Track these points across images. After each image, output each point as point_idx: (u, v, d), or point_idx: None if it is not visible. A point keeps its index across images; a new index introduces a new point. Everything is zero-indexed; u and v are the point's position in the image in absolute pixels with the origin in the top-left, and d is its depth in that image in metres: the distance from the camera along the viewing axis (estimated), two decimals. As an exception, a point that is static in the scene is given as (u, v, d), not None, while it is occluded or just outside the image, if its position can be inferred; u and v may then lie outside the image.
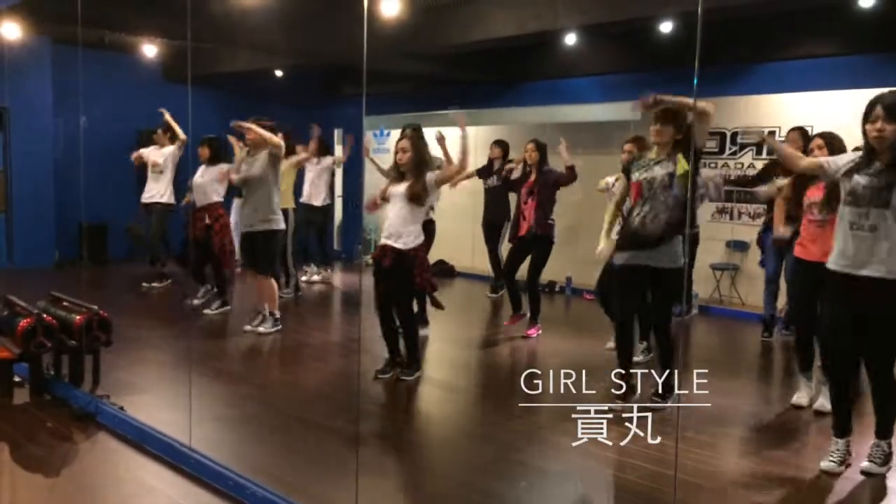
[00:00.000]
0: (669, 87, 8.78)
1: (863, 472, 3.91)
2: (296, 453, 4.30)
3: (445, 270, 10.75)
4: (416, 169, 5.36)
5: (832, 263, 3.83)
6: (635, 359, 5.52)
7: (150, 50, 10.79)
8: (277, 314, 6.95)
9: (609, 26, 8.35)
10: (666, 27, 8.32)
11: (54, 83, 10.66)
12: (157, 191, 8.88)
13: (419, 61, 10.71)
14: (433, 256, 10.90)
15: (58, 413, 4.65)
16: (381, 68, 10.05)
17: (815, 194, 4.65)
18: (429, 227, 6.89)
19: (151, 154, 9.00)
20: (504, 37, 8.69)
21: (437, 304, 5.97)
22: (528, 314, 7.06)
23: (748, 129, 8.72)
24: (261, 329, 6.84)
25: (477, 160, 9.05)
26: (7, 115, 10.59)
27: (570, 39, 9.22)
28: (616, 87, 10.08)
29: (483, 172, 8.86)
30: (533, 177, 6.99)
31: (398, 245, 5.33)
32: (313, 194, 9.49)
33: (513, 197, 7.89)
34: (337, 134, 13.16)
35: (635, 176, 4.84)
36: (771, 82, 8.86)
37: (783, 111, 8.52)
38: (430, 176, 5.44)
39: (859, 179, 3.74)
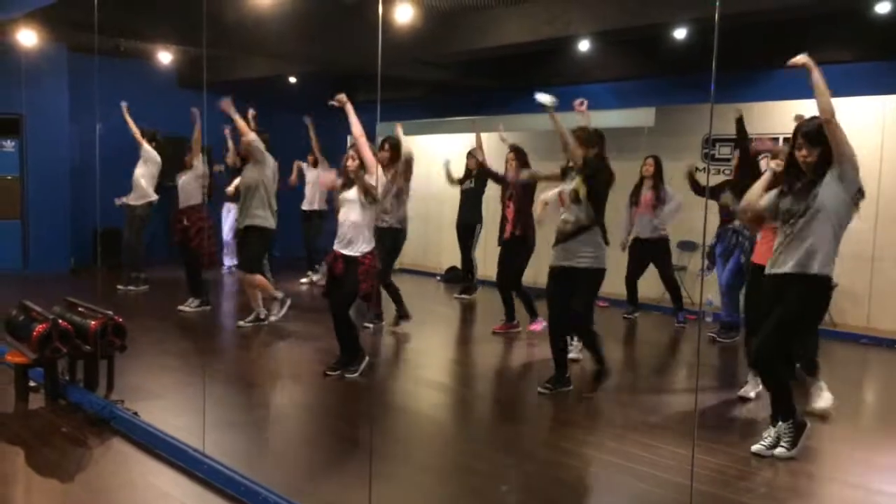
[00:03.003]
0: (683, 94, 8.82)
1: None
2: (308, 459, 4.30)
3: (457, 277, 10.74)
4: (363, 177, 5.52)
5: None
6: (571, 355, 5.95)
7: (165, 57, 10.86)
8: (263, 313, 7.35)
9: (623, 32, 8.34)
10: (680, 33, 8.30)
11: (70, 90, 10.75)
12: (136, 191, 9.11)
13: (432, 68, 10.73)
14: (444, 262, 10.94)
15: (72, 418, 4.68)
16: (394, 75, 10.09)
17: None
18: (397, 236, 7.10)
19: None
20: (517, 43, 8.70)
21: (372, 303, 6.18)
22: (529, 315, 7.29)
23: (763, 136, 8.67)
24: (271, 317, 7.28)
25: (493, 165, 9.07)
26: (23, 121, 10.68)
27: (584, 46, 9.21)
28: (630, 94, 10.07)
29: (462, 180, 9.36)
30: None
31: (348, 252, 5.48)
32: (311, 200, 10.04)
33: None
34: (349, 140, 13.18)
35: (565, 186, 5.36)
36: (786, 88, 8.80)
37: (798, 117, 8.46)
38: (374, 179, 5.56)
39: (787, 202, 4.15)
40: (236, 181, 7.80)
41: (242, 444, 4.41)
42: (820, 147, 4.03)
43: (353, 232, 5.50)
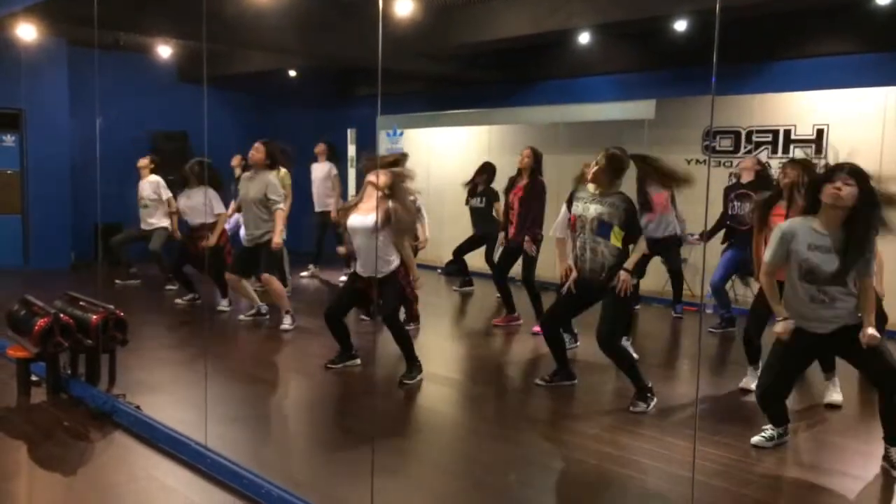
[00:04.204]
0: (683, 86, 8.80)
1: None
2: (311, 453, 4.31)
3: (458, 270, 10.74)
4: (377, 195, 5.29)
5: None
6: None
7: (164, 51, 10.85)
8: (264, 307, 7.43)
9: (623, 25, 8.32)
10: (680, 26, 8.29)
11: (70, 85, 10.73)
12: (156, 218, 9.14)
13: (432, 61, 10.72)
14: (444, 256, 10.93)
15: (75, 412, 4.69)
16: (394, 68, 10.07)
17: (777, 220, 4.78)
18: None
19: (141, 186, 9.20)
20: (517, 36, 8.68)
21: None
22: (536, 315, 7.15)
23: (763, 128, 8.68)
24: (284, 325, 7.08)
25: (492, 160, 9.07)
26: (23, 116, 10.67)
27: (584, 38, 9.20)
28: (630, 86, 10.05)
29: (469, 192, 9.00)
30: (524, 182, 7.03)
31: (379, 275, 5.33)
32: (316, 199, 9.96)
33: None
34: (350, 133, 13.20)
35: (574, 208, 5.05)
36: (786, 80, 8.80)
37: (798, 109, 8.46)
38: (396, 208, 5.25)
39: (815, 259, 3.85)
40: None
41: (245, 437, 4.42)
42: (858, 186, 3.74)
43: (378, 255, 5.31)
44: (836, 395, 5.09)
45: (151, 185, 9.08)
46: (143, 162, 9.16)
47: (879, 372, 3.92)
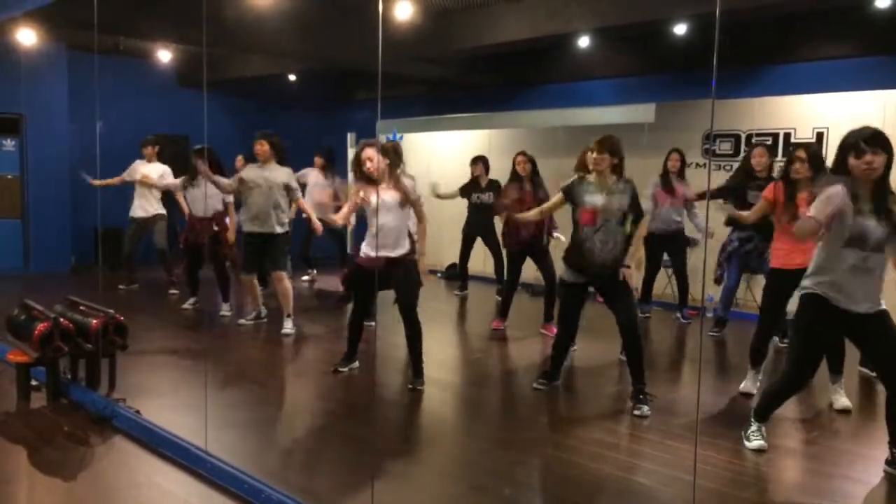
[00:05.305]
0: (684, 90, 8.80)
1: None
2: (312, 458, 4.30)
3: (458, 274, 10.74)
4: (391, 173, 5.38)
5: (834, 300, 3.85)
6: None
7: (164, 56, 10.86)
8: (263, 311, 7.52)
9: (623, 28, 8.33)
10: (680, 29, 8.30)
11: (70, 89, 10.74)
12: (154, 204, 9.15)
13: (432, 65, 10.73)
14: (444, 259, 10.95)
15: (74, 417, 4.68)
16: (394, 72, 10.08)
17: (803, 207, 4.77)
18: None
19: (145, 169, 9.14)
20: (517, 40, 8.68)
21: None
22: (545, 315, 7.26)
23: (763, 131, 8.68)
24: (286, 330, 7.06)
25: (492, 163, 9.06)
26: (23, 121, 10.68)
27: (584, 42, 9.20)
28: (630, 90, 10.06)
29: (468, 189, 8.97)
30: (529, 188, 7.05)
31: (395, 254, 5.28)
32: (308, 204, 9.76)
33: None
34: (350, 137, 13.19)
35: (586, 201, 4.95)
36: (786, 84, 8.82)
37: (798, 113, 8.47)
38: (410, 183, 5.44)
39: (870, 224, 3.75)
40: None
41: (245, 442, 4.41)
42: (886, 154, 3.67)
43: (399, 233, 5.31)
44: (845, 400, 5.05)
45: (159, 169, 9.11)
46: (149, 150, 9.17)
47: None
